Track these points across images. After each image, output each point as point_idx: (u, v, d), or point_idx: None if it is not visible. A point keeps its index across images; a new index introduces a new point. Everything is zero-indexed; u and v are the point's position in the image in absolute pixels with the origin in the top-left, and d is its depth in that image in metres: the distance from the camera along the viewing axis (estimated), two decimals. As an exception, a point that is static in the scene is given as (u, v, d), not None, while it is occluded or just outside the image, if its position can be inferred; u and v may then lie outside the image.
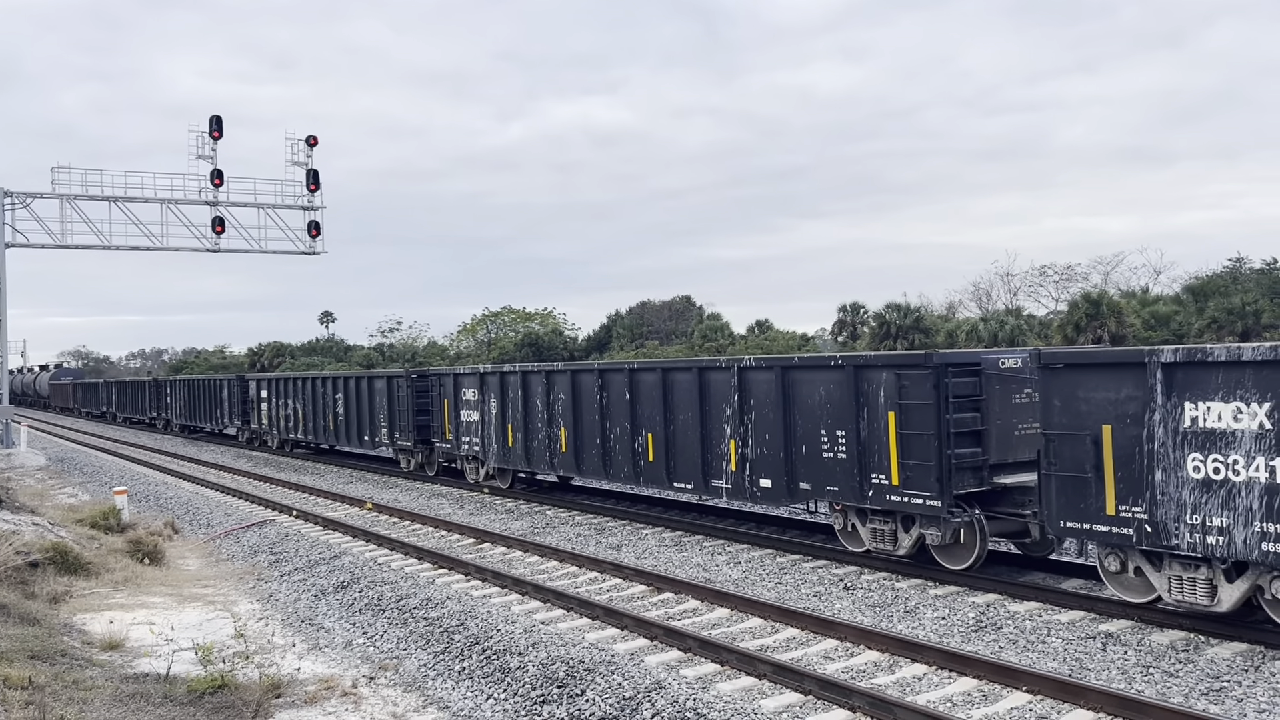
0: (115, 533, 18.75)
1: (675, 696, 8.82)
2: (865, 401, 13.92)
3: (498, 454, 22.82)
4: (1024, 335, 48.20)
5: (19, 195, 36.34)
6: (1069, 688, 8.66)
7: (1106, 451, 10.89)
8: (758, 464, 15.70)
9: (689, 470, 17.08)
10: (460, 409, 24.36)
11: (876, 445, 13.73)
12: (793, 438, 15.07)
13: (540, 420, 21.08)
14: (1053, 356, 11.70)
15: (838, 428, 14.30)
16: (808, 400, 14.82)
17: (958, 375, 13.19)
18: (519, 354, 72.62)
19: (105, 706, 8.88)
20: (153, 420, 55.62)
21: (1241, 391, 9.85)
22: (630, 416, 18.46)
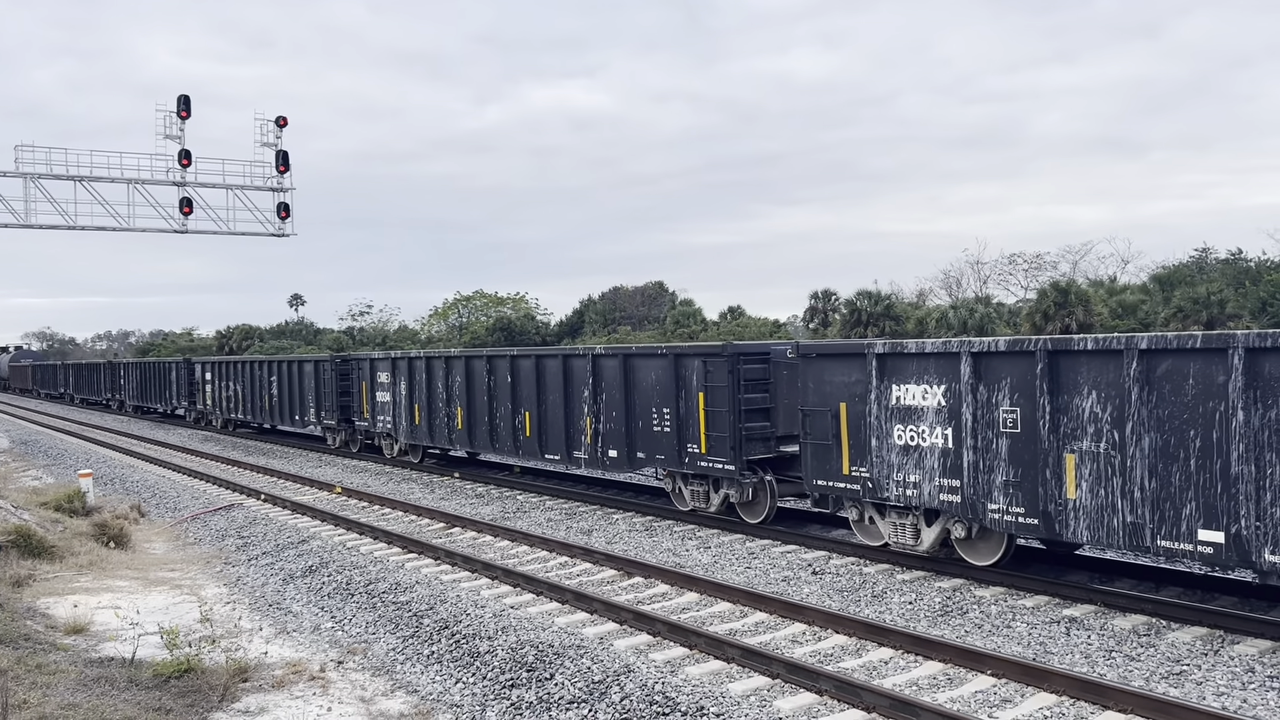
0: (80, 516, 18.56)
1: (644, 680, 8.85)
2: (683, 385, 16.59)
3: (407, 431, 25.17)
4: (993, 323, 48.56)
5: (-19, 174, 35.72)
6: (1033, 671, 8.77)
7: (843, 424, 13.35)
8: (607, 437, 18.30)
9: (557, 443, 19.62)
10: (376, 391, 26.74)
11: (691, 420, 16.41)
12: (633, 415, 17.68)
13: (441, 401, 23.53)
14: (808, 348, 14.12)
15: (664, 406, 16.96)
16: (643, 383, 17.46)
17: (749, 363, 15.82)
18: (490, 339, 72.37)
19: (69, 691, 8.81)
20: (108, 401, 57.07)
21: (927, 377, 12.26)
22: (512, 398, 20.92)
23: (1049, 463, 11.02)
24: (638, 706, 8.40)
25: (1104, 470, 10.58)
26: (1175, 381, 10.02)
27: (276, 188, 39.72)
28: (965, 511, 11.91)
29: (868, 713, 8.24)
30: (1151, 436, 10.18)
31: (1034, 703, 8.37)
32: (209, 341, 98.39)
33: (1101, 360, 10.63)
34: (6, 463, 30.68)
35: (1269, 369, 9.38)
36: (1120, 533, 10.45)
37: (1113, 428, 10.50)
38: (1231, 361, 9.55)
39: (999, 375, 11.58)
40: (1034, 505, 11.19)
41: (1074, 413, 10.85)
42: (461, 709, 9.08)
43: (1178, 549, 10.00)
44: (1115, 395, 10.47)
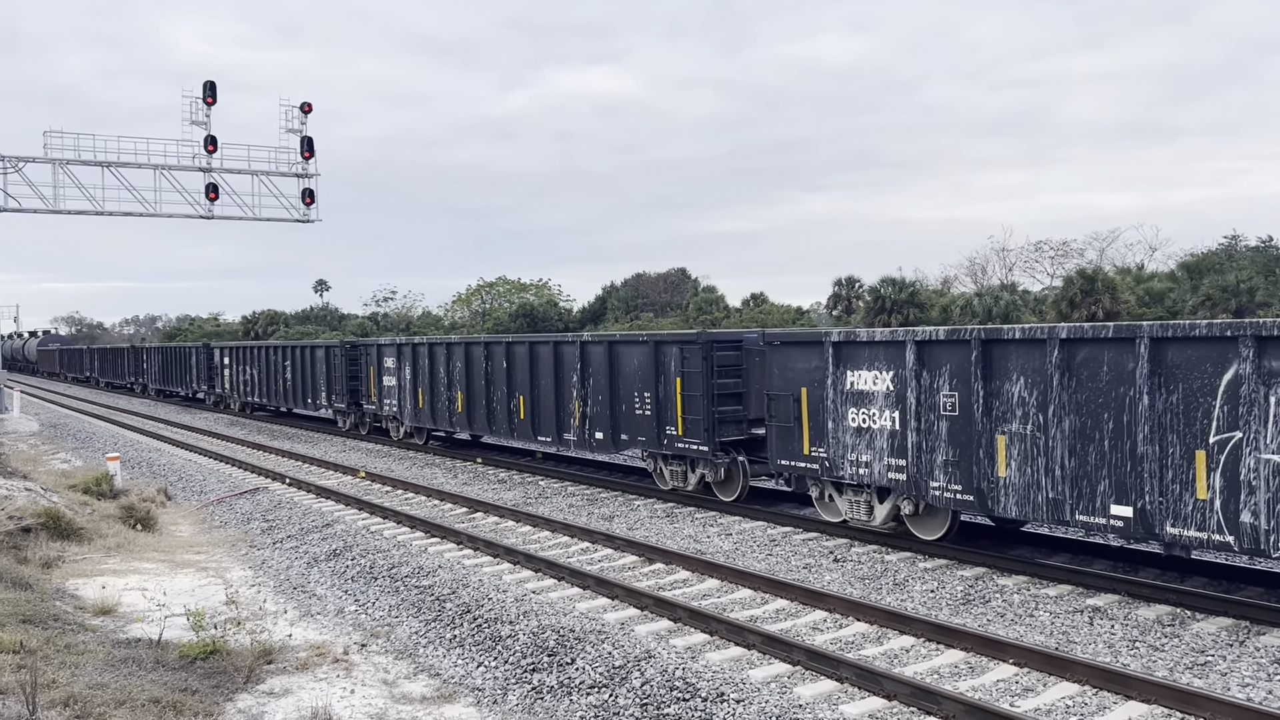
0: (108, 499, 18.77)
1: (665, 665, 8.87)
2: (662, 370, 17.45)
3: (411, 414, 26.12)
4: (1018, 310, 48.22)
5: (11, 159, 36.04)
6: (1055, 660, 8.73)
7: (804, 407, 14.17)
8: (594, 420, 19.20)
9: (549, 426, 20.56)
10: (382, 376, 27.70)
11: (669, 404, 17.29)
12: (617, 399, 18.55)
13: (442, 385, 24.43)
14: (773, 336, 15.02)
15: (645, 390, 17.81)
16: (627, 369, 18.31)
17: (722, 350, 16.65)
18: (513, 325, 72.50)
19: (97, 671, 8.92)
20: (132, 385, 58.08)
21: (877, 364, 13.09)
22: (507, 382, 21.87)
23: (983, 443, 11.85)
24: (658, 692, 8.43)
25: (1030, 450, 11.39)
26: (1091, 369, 10.81)
27: (301, 174, 39.90)
28: (911, 489, 12.76)
29: (889, 700, 8.24)
30: (1071, 419, 10.97)
31: (1056, 692, 8.33)
32: (235, 327, 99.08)
33: (1028, 349, 11.42)
34: (36, 445, 31.05)
35: (1170, 357, 10.14)
36: (1044, 508, 11.25)
37: (1038, 411, 11.30)
38: (1138, 350, 10.29)
39: (940, 362, 12.39)
40: (970, 483, 12.02)
41: (1004, 397, 11.67)
42: (483, 692, 9.14)
43: (1093, 523, 10.81)
44: (1040, 381, 11.27)
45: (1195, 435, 9.96)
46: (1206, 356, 9.89)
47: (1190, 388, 10.01)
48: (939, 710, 7.89)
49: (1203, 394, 9.92)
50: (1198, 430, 9.94)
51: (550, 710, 8.58)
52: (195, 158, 38.13)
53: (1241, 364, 9.58)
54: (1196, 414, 9.95)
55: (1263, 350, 9.49)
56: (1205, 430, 9.88)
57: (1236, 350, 9.65)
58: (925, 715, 7.95)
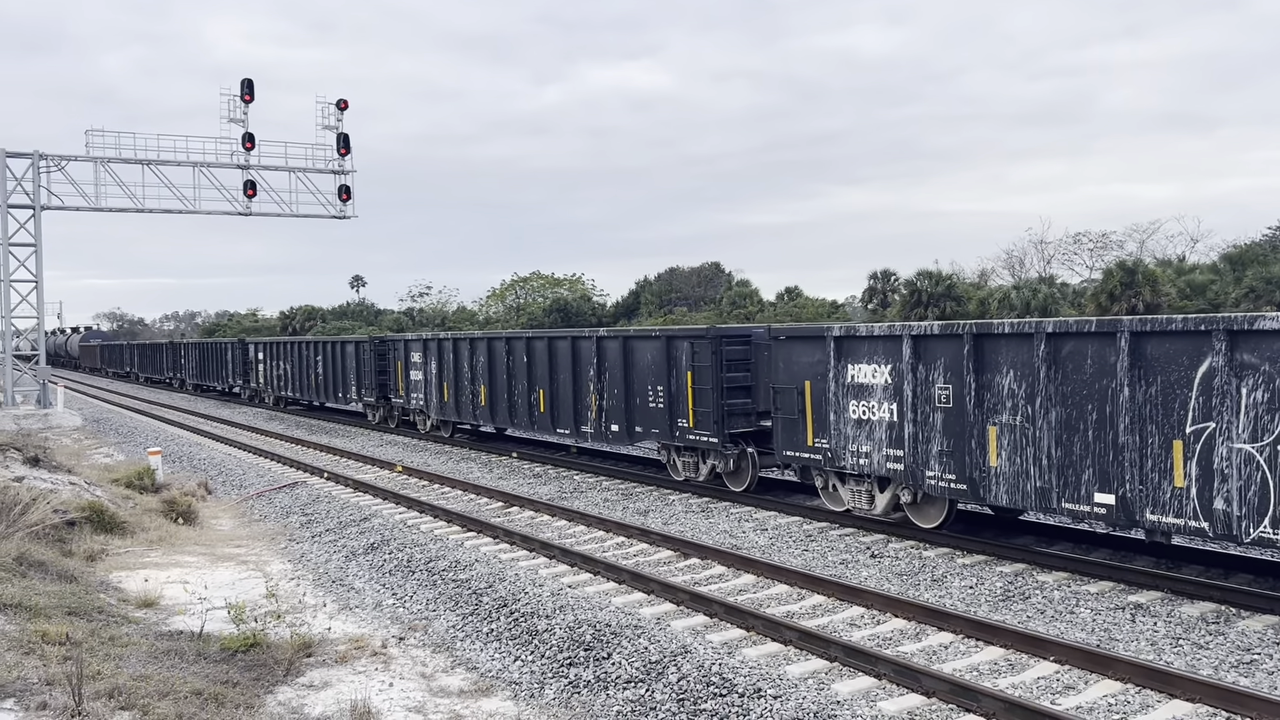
0: (150, 493, 19.03)
1: (701, 661, 8.86)
2: (674, 364, 18.02)
3: (437, 408, 26.85)
4: (1056, 304, 47.68)
5: (54, 158, 36.58)
6: (1097, 658, 8.63)
7: (807, 399, 14.66)
8: (610, 413, 19.76)
9: (567, 419, 21.14)
10: (410, 370, 28.44)
11: (681, 397, 17.84)
12: (631, 392, 19.14)
13: (466, 380, 25.18)
14: (778, 330, 15.52)
15: (658, 384, 18.40)
16: (640, 363, 18.91)
17: (731, 344, 17.22)
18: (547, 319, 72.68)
19: (140, 663, 9.04)
20: (170, 380, 59.32)
21: (876, 357, 13.55)
22: (527, 376, 22.47)
23: (975, 434, 12.30)
24: (695, 687, 8.42)
25: (1019, 440, 11.83)
26: (1076, 361, 11.21)
27: (338, 170, 40.20)
28: (908, 478, 13.22)
29: (927, 697, 8.18)
30: (1057, 410, 11.39)
31: (1098, 690, 8.24)
32: (273, 322, 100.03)
33: (1017, 343, 11.84)
34: (80, 440, 31.53)
35: (1150, 350, 10.52)
36: (1032, 496, 11.70)
37: (1026, 402, 11.73)
38: (1119, 344, 10.68)
39: (935, 356, 12.82)
40: (963, 472, 12.47)
41: (995, 389, 12.09)
42: (520, 686, 9.17)
43: (1079, 510, 11.22)
44: (1028, 374, 11.69)
45: (1173, 425, 10.34)
46: (1183, 350, 10.25)
47: (1168, 380, 10.38)
48: (979, 708, 7.82)
49: (1180, 386, 10.29)
50: (1175, 421, 10.32)
51: (587, 704, 8.60)
52: (233, 155, 38.54)
53: (1215, 357, 9.95)
54: (1174, 405, 10.33)
55: (1234, 344, 9.84)
56: (1182, 421, 10.27)
57: (1210, 344, 9.99)
58: (965, 713, 7.88)
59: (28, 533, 12.99)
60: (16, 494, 14.53)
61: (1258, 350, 9.72)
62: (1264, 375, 9.66)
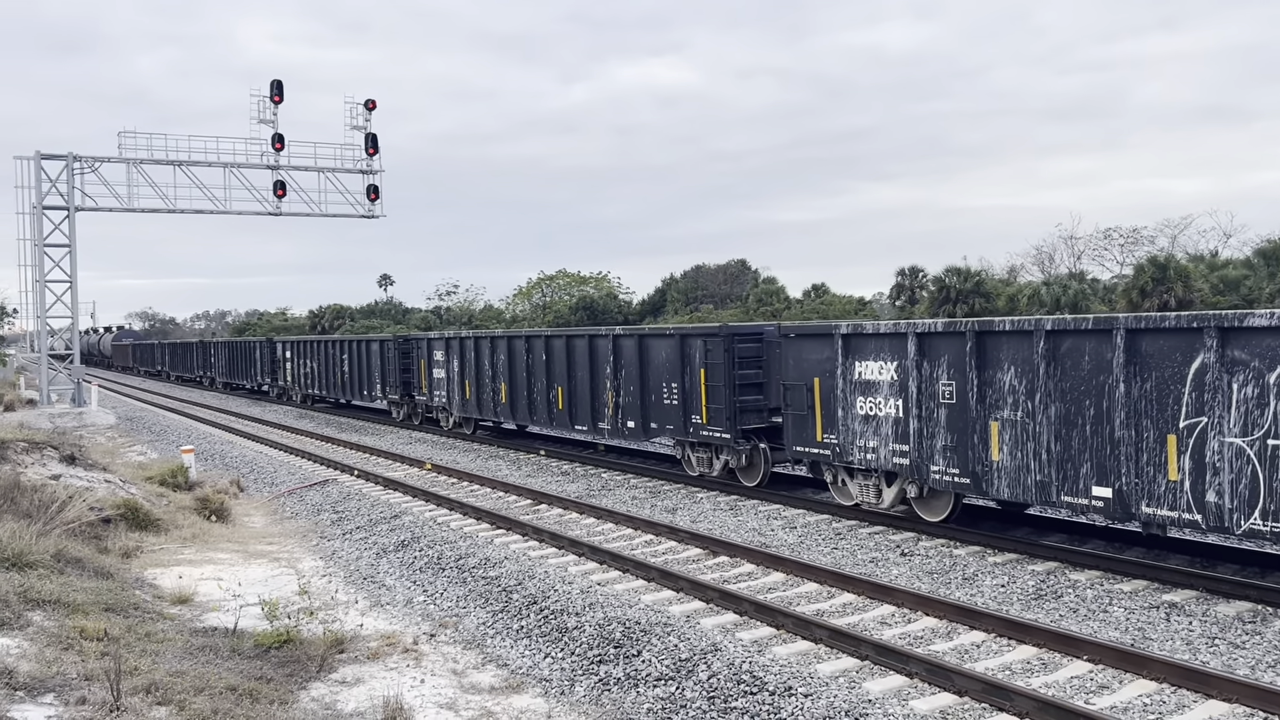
0: (183, 490, 19.23)
1: (731, 659, 8.86)
2: (688, 362, 18.44)
3: (459, 405, 27.44)
4: (1087, 300, 47.23)
5: (87, 159, 37.02)
6: (1131, 658, 8.56)
7: (816, 396, 14.96)
8: (626, 410, 20.24)
9: (585, 416, 21.61)
10: (432, 368, 28.93)
11: (694, 394, 18.23)
12: (647, 389, 19.58)
13: (487, 377, 25.66)
14: (788, 328, 15.83)
15: (672, 381, 18.82)
16: (655, 361, 19.34)
17: (743, 342, 17.55)
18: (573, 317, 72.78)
19: (176, 658, 9.14)
20: (200, 378, 60.12)
21: (882, 354, 13.81)
22: (546, 374, 22.93)
23: (977, 429, 12.57)
24: (725, 685, 8.42)
25: (1020, 435, 12.08)
26: (1074, 358, 11.46)
27: (366, 170, 40.44)
28: (914, 473, 13.47)
29: (959, 696, 8.14)
30: (1056, 406, 11.64)
31: (1133, 689, 8.17)
32: (302, 321, 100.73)
33: (1017, 340, 12.09)
34: (114, 438, 31.89)
35: (1145, 347, 10.74)
36: (1033, 489, 11.93)
37: (1026, 398, 11.98)
38: (1115, 340, 10.90)
39: (938, 353, 13.09)
40: (966, 466, 12.72)
41: (997, 385, 12.36)
42: (550, 683, 9.21)
43: (1077, 503, 11.47)
44: (1028, 370, 11.94)
45: (1167, 420, 10.57)
46: (1176, 347, 10.48)
47: (1162, 376, 10.62)
48: (1011, 707, 7.78)
49: (1173, 382, 10.52)
50: (1169, 415, 10.55)
51: (617, 702, 8.62)
52: (263, 155, 38.86)
53: (1207, 354, 10.17)
54: (1168, 400, 10.57)
55: (1225, 341, 10.07)
56: (1176, 415, 10.50)
57: (1202, 341, 10.21)
58: (998, 712, 7.84)
59: (65, 530, 13.15)
60: (53, 492, 14.73)
61: (1247, 347, 9.94)
62: (1254, 371, 9.89)
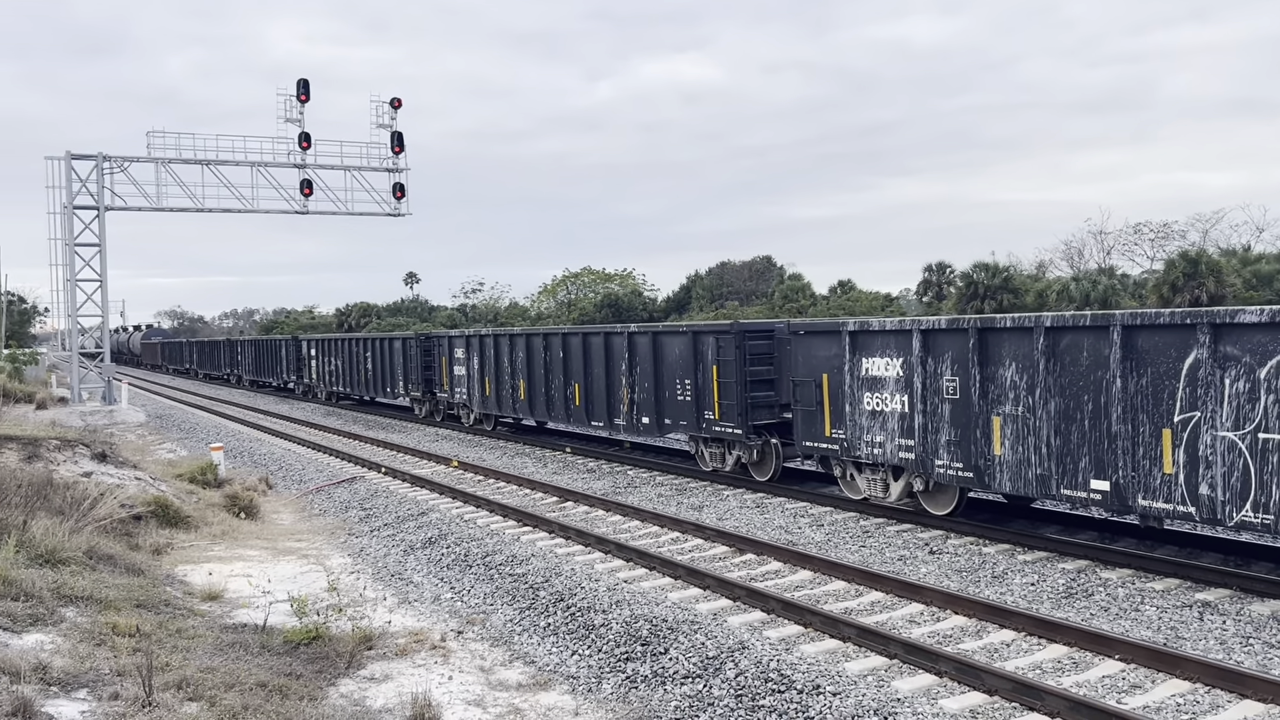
0: (212, 488, 19.38)
1: (759, 657, 8.83)
2: (700, 359, 18.73)
3: (480, 402, 27.82)
4: (1117, 295, 46.78)
5: (117, 159, 37.37)
6: (1164, 657, 8.47)
7: (825, 392, 15.29)
8: (641, 406, 20.61)
9: (601, 412, 21.99)
10: (454, 366, 29.43)
11: (707, 390, 18.53)
12: (661, 386, 19.92)
13: (506, 374, 26.05)
14: (797, 325, 16.18)
15: (685, 378, 19.11)
16: (669, 358, 19.67)
17: (755, 339, 17.78)
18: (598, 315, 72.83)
19: (207, 655, 9.22)
20: (227, 376, 60.77)
21: (888, 351, 14.11)
22: (563, 371, 23.32)
23: (980, 424, 12.83)
24: (752, 683, 8.39)
25: (1021, 430, 12.33)
26: (1073, 354, 11.69)
27: (392, 168, 40.60)
28: (919, 467, 13.74)
29: (989, 695, 8.08)
30: (1056, 401, 11.89)
31: (1166, 689, 8.08)
32: (329, 319, 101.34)
33: (1018, 336, 12.32)
34: (144, 436, 32.20)
35: (1140, 343, 10.97)
36: (1034, 483, 12.18)
37: (1027, 393, 12.23)
38: (1112, 337, 11.12)
39: (942, 349, 13.35)
40: (969, 460, 12.98)
41: (999, 381, 12.60)
42: (578, 680, 9.21)
43: (1076, 496, 11.71)
44: (1029, 366, 12.19)
45: (1162, 415, 10.79)
46: (1171, 343, 10.69)
47: (1158, 371, 10.84)
48: (1042, 706, 7.71)
49: (1168, 377, 10.75)
50: (1164, 410, 10.78)
51: (645, 699, 8.61)
52: (290, 154, 39.10)
53: (1200, 349, 10.39)
54: (1163, 395, 10.79)
55: (1218, 337, 10.26)
56: (1170, 410, 10.73)
57: (1195, 337, 10.43)
58: (1028, 711, 7.78)
59: (97, 527, 13.29)
60: (85, 489, 14.89)
61: (1239, 343, 10.13)
62: (1245, 366, 10.08)
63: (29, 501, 12.86)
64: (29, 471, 15.30)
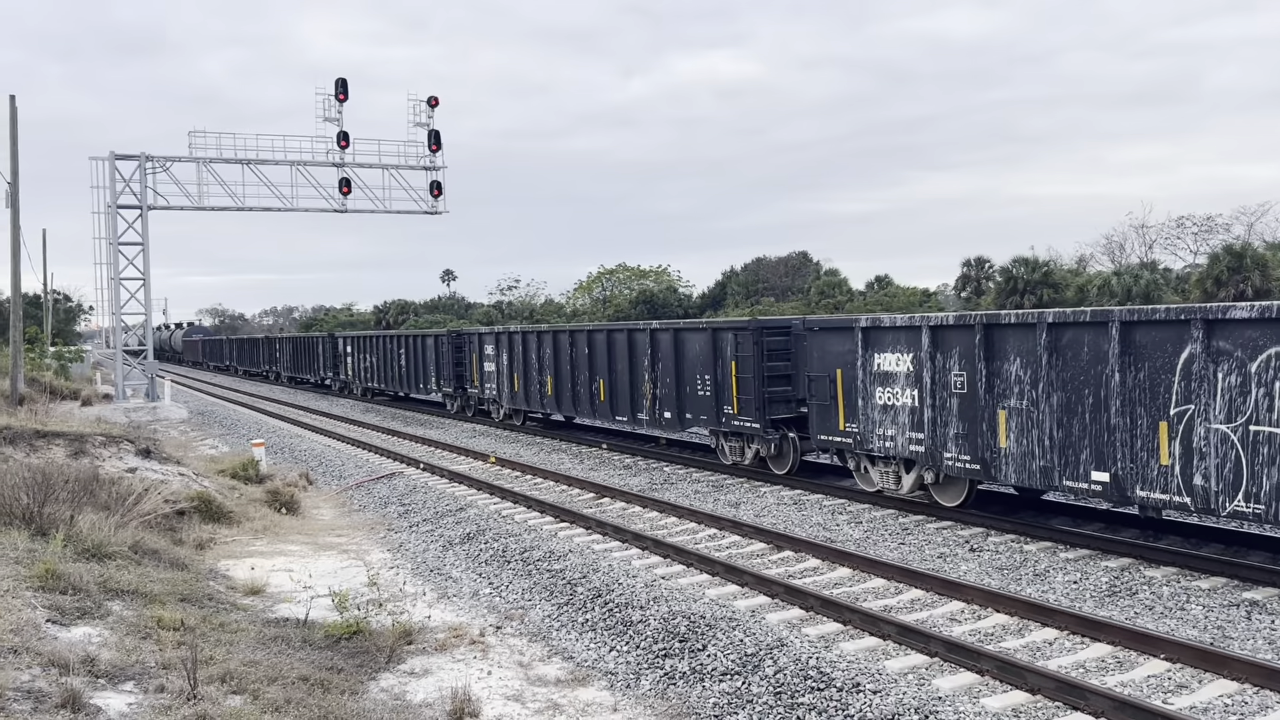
0: (254, 483, 19.59)
1: (798, 654, 8.80)
2: (720, 355, 19.08)
3: (509, 397, 28.37)
4: (1159, 290, 46.11)
5: (159, 159, 37.87)
6: (1211, 657, 8.34)
7: (839, 386, 15.66)
8: (663, 401, 21.08)
9: (625, 406, 22.50)
10: (483, 362, 30.02)
11: (726, 385, 18.88)
12: (682, 381, 20.32)
13: (534, 370, 26.56)
14: (812, 322, 16.76)
15: (705, 373, 19.49)
16: (690, 353, 20.09)
17: (772, 335, 18.15)
18: (633, 311, 72.85)
19: (250, 648, 9.32)
20: (266, 373, 61.74)
21: (899, 346, 14.47)
22: (589, 367, 23.82)
23: (986, 418, 13.14)
24: (792, 680, 8.36)
25: (1025, 423, 12.63)
26: (1074, 349, 11.99)
27: (429, 166, 40.83)
28: (929, 460, 14.06)
29: (1032, 694, 7.99)
30: (1058, 395, 12.18)
31: (1213, 689, 7.95)
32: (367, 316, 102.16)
33: (1022, 332, 12.64)
34: (186, 432, 32.63)
35: (1138, 339, 11.25)
36: (1037, 474, 12.50)
37: (1031, 387, 12.51)
38: (1111, 332, 11.42)
39: (950, 345, 13.69)
40: (976, 453, 13.30)
41: (1004, 376, 12.91)
42: (616, 676, 9.22)
43: (1078, 487, 12.01)
44: (1032, 361, 12.48)
45: (1159, 408, 11.08)
46: (1167, 338, 10.98)
47: (1154, 366, 11.12)
48: (1086, 706, 7.62)
49: (1164, 371, 11.03)
50: (1161, 403, 11.07)
51: (683, 696, 8.61)
52: (329, 153, 39.42)
53: (1194, 345, 10.66)
54: (1160, 389, 11.08)
55: (1211, 332, 10.54)
56: (1167, 403, 11.01)
57: (1190, 332, 10.69)
58: (1071, 710, 7.69)
59: (141, 522, 13.48)
60: (130, 484, 15.10)
61: (1231, 338, 10.40)
62: (1237, 361, 10.35)
63: (76, 497, 13.07)
64: (75, 467, 15.54)
